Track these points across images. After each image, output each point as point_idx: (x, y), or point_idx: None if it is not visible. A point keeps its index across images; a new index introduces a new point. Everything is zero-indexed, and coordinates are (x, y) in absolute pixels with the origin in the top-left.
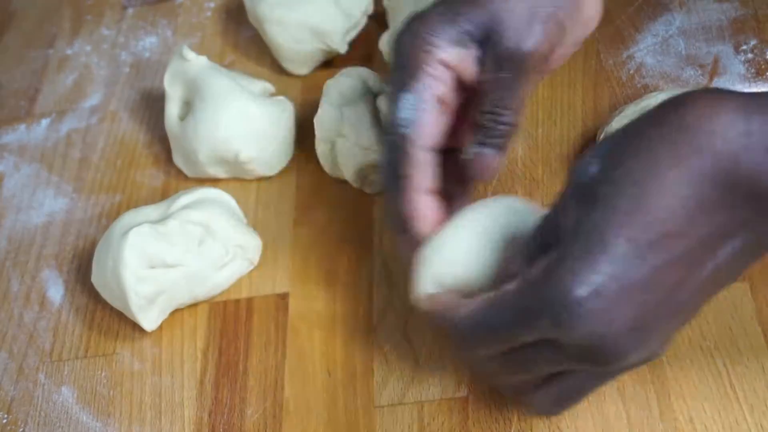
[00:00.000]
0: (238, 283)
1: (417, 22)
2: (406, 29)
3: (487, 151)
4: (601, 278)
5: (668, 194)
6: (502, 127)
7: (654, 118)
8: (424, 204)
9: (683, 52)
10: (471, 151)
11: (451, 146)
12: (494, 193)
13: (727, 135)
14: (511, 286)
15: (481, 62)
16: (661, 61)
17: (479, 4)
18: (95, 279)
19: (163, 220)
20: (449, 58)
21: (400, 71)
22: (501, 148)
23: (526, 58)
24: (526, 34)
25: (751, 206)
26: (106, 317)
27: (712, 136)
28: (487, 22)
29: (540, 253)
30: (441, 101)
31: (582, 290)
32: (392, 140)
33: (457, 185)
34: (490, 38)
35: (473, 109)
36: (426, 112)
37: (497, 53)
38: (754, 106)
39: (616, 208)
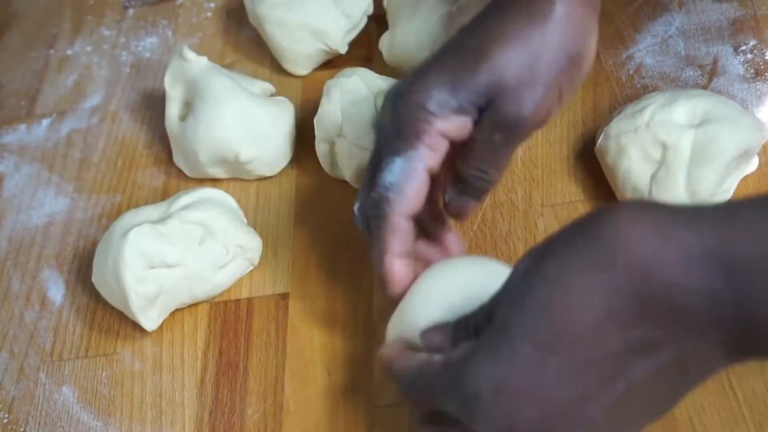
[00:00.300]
0: (238, 283)
1: (417, 87)
2: (406, 93)
3: (465, 200)
4: (502, 376)
5: (576, 301)
6: (485, 183)
7: (580, 227)
8: (397, 268)
9: (683, 53)
10: (450, 196)
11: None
12: (494, 192)
13: (640, 248)
14: (437, 359)
15: (477, 123)
16: (660, 62)
17: (481, 70)
18: (96, 279)
19: (163, 220)
20: (448, 129)
21: (395, 135)
22: (479, 198)
23: (523, 125)
24: (526, 101)
25: (669, 323)
26: (106, 317)
27: (626, 248)
28: (488, 89)
29: (471, 337)
30: (430, 170)
31: (485, 385)
32: (376, 200)
33: (433, 219)
34: (490, 104)
35: (458, 160)
36: (414, 182)
37: (495, 119)
38: (672, 220)
39: (526, 309)
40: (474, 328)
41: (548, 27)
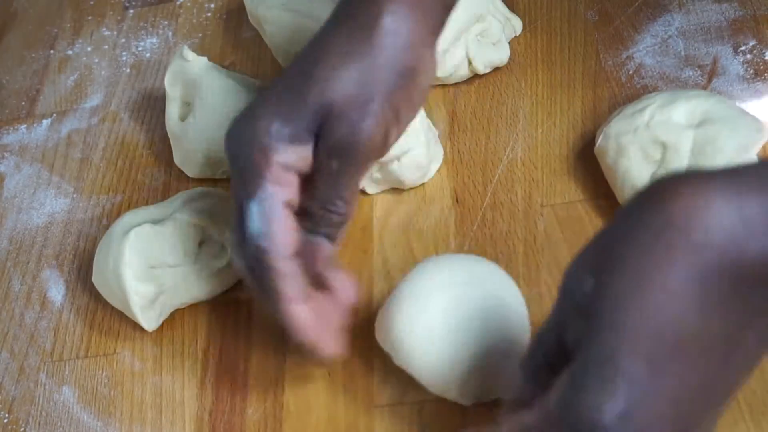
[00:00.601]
0: (238, 284)
1: (249, 121)
2: (239, 130)
3: (318, 240)
4: (624, 404)
5: (674, 301)
6: (333, 217)
7: (636, 219)
8: (298, 313)
9: (682, 53)
10: (304, 241)
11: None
12: (494, 192)
13: (723, 228)
14: (530, 417)
15: (314, 153)
16: (660, 62)
17: (309, 93)
18: (96, 279)
19: (163, 220)
20: (289, 160)
21: (240, 176)
22: (332, 238)
23: (357, 147)
24: (358, 122)
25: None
26: (106, 317)
27: (708, 231)
28: (318, 112)
29: (546, 374)
30: (289, 205)
31: (609, 419)
32: (251, 252)
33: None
34: (323, 127)
35: (302, 197)
36: (277, 221)
37: (328, 143)
38: (741, 187)
39: (622, 326)
40: (547, 363)
41: (375, 43)
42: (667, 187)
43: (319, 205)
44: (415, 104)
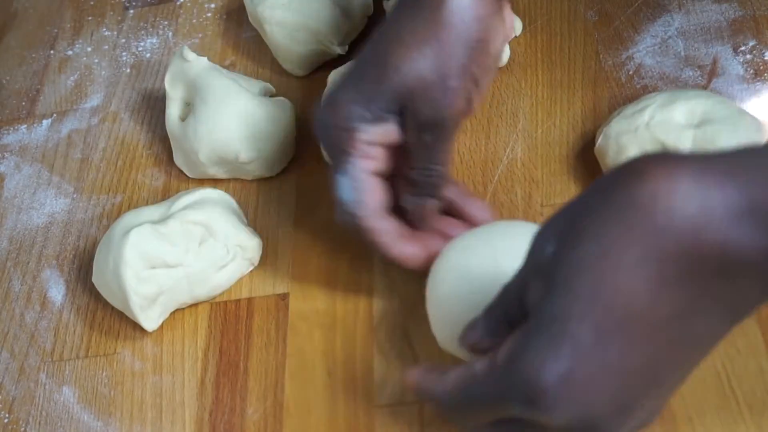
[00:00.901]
0: (238, 283)
1: (332, 109)
2: (324, 117)
3: (422, 201)
4: (567, 366)
5: (628, 276)
6: (433, 180)
7: (605, 194)
8: (402, 249)
9: (682, 53)
10: (406, 201)
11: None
12: (494, 193)
13: (685, 211)
14: (480, 366)
15: (405, 128)
16: (660, 62)
17: (386, 82)
18: (96, 279)
19: (163, 220)
20: (372, 138)
21: (330, 155)
22: (435, 195)
23: (443, 121)
24: (438, 100)
25: (722, 277)
26: (107, 317)
27: (670, 216)
28: (398, 98)
29: (504, 327)
30: (377, 173)
31: (550, 380)
32: (346, 218)
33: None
34: (406, 109)
35: (404, 165)
36: (365, 190)
37: (416, 122)
38: (708, 173)
39: (576, 293)
40: (507, 318)
41: (444, 22)
42: (639, 168)
43: (417, 172)
44: (491, 71)
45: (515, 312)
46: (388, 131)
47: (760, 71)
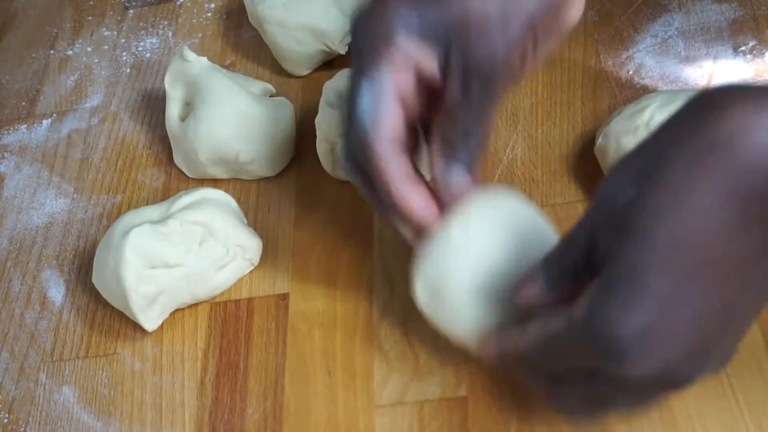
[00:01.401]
0: (238, 283)
1: (380, 5)
2: (366, 12)
3: (457, 172)
4: (648, 319)
5: (710, 222)
6: (472, 145)
7: (682, 135)
8: (411, 193)
9: (682, 53)
10: (440, 172)
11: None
12: None
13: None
14: (557, 322)
15: (447, 71)
16: (660, 62)
17: (452, 6)
18: (96, 279)
19: (163, 220)
20: (412, 51)
21: (358, 59)
22: (471, 168)
23: (497, 67)
24: (496, 39)
25: None
26: (106, 317)
27: (753, 154)
28: (453, 20)
29: (569, 279)
30: (402, 100)
31: (632, 333)
32: (356, 136)
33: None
34: (456, 42)
35: (439, 125)
36: (387, 110)
37: (465, 61)
38: None
39: (656, 242)
40: (573, 269)
41: None
42: (717, 103)
43: (456, 132)
44: (553, 36)
45: (582, 263)
46: (428, 58)
47: (761, 71)
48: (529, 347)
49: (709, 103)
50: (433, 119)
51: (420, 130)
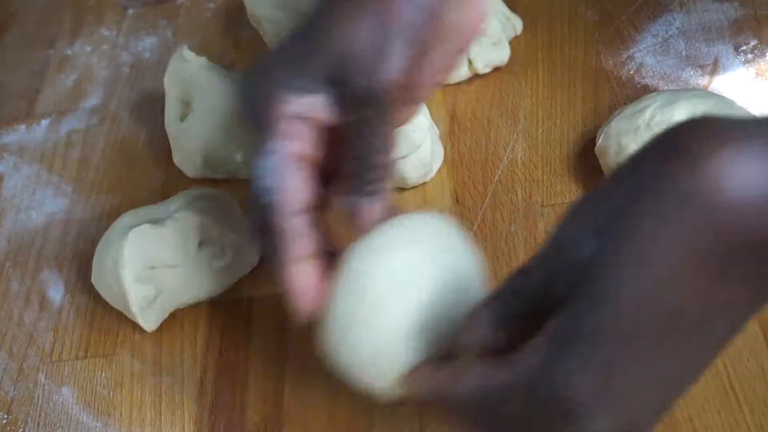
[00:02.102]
0: (238, 283)
1: (260, 73)
2: (250, 82)
3: (365, 200)
4: (606, 380)
5: (676, 285)
6: (374, 171)
7: (655, 181)
8: (297, 274)
9: (683, 53)
10: (347, 202)
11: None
12: (494, 193)
13: (751, 203)
14: (500, 371)
15: (338, 105)
16: (661, 62)
17: (322, 43)
18: (95, 279)
19: (163, 220)
20: (300, 110)
21: (251, 128)
22: (378, 193)
23: (383, 92)
24: (376, 66)
25: (752, 258)
26: (106, 317)
27: (734, 208)
28: (333, 62)
29: (516, 322)
30: (303, 159)
31: (588, 394)
32: (257, 209)
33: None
34: (341, 77)
35: (342, 158)
36: (287, 175)
37: (352, 92)
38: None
39: (620, 306)
40: (522, 312)
41: None
42: (687, 148)
43: (355, 161)
44: (445, 39)
45: (532, 307)
46: (316, 104)
47: (762, 71)
48: (463, 397)
49: (679, 149)
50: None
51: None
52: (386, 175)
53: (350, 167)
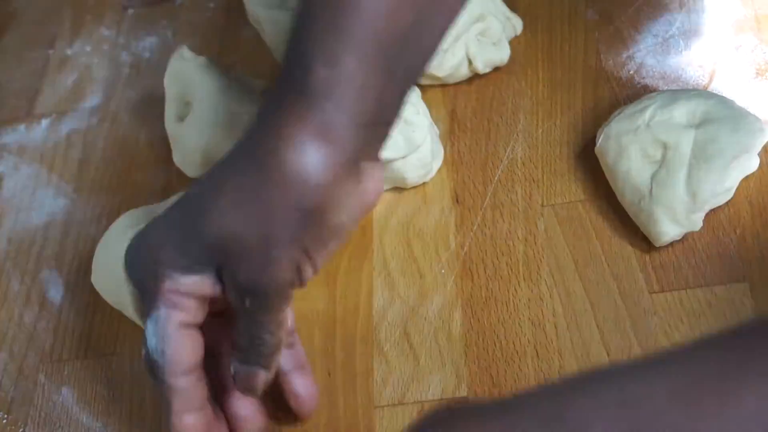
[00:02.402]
0: None
1: (144, 247)
2: (134, 254)
3: (251, 369)
4: None
5: None
6: (261, 348)
7: None
8: (189, 426)
9: (683, 53)
10: (234, 368)
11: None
12: (494, 192)
13: None
14: None
15: (224, 286)
16: (661, 62)
17: (207, 230)
18: (95, 279)
19: None
20: (182, 289)
21: (138, 293)
22: (267, 366)
23: (267, 293)
24: (260, 270)
25: None
26: (106, 318)
27: None
28: (214, 251)
29: None
30: (187, 325)
31: None
32: (147, 366)
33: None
34: (222, 266)
35: (231, 326)
36: (172, 341)
37: (233, 284)
38: None
39: None
40: None
41: (273, 181)
42: None
43: (243, 338)
44: (329, 242)
45: None
46: (201, 284)
47: (762, 71)
48: None
49: None
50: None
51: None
52: (273, 352)
53: (238, 340)
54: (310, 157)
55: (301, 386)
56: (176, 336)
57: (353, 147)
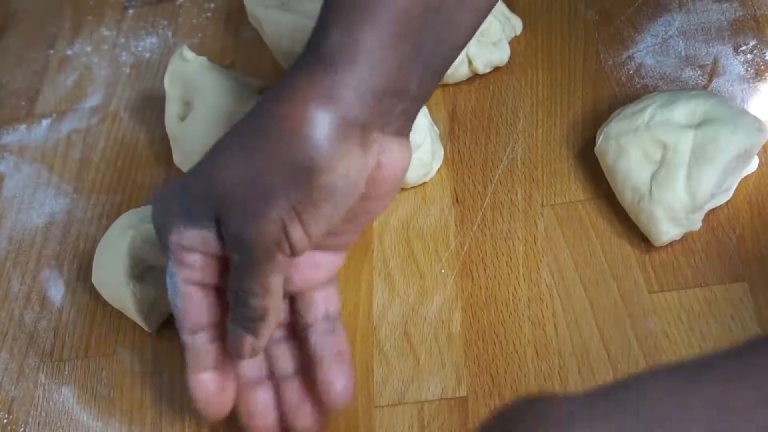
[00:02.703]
0: None
1: (163, 201)
2: (156, 209)
3: (242, 333)
4: None
5: None
6: (250, 310)
7: None
8: (203, 385)
9: (683, 53)
10: (228, 329)
11: None
12: (494, 192)
13: None
14: None
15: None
16: (660, 62)
17: (207, 185)
18: (96, 279)
19: None
20: (187, 242)
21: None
22: (253, 332)
23: (251, 244)
24: (248, 218)
25: None
26: (106, 317)
27: None
28: (214, 203)
29: None
30: (199, 283)
31: None
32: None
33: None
34: (221, 221)
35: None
36: (185, 297)
37: (226, 236)
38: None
39: None
40: None
41: (272, 134)
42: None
43: (233, 296)
44: (320, 205)
45: None
46: (204, 238)
47: (761, 71)
48: None
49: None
50: None
51: None
52: (264, 317)
53: (229, 298)
54: (308, 113)
55: (334, 374)
56: (184, 290)
57: (360, 112)
